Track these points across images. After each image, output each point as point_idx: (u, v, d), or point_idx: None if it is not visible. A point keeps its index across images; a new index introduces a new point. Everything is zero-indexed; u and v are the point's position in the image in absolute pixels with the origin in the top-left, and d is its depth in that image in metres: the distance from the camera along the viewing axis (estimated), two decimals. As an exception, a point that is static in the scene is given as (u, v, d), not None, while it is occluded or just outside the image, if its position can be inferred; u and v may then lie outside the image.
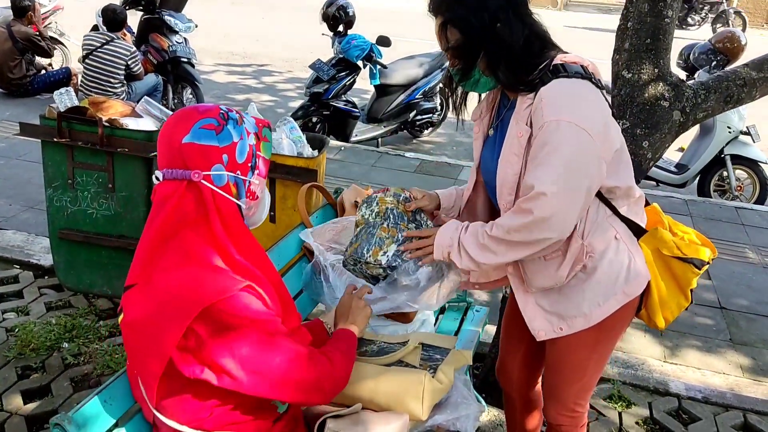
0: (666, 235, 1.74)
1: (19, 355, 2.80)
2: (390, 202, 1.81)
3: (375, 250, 1.75)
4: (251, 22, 11.83)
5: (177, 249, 1.33)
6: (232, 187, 1.38)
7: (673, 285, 1.75)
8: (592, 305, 1.67)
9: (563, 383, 1.85)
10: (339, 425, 1.55)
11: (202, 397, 1.35)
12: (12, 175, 4.67)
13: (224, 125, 1.37)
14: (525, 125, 1.57)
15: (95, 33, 5.73)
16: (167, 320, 1.28)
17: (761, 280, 4.03)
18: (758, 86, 2.78)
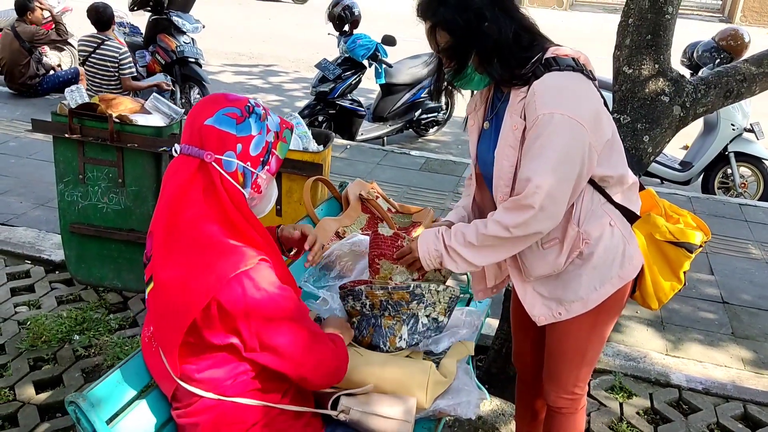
0: (659, 221, 1.79)
1: (31, 347, 2.86)
2: (381, 295, 1.78)
3: (391, 339, 1.78)
4: (258, 23, 11.91)
5: (195, 222, 1.41)
6: (239, 175, 1.44)
7: (666, 268, 1.80)
8: (589, 290, 1.72)
9: (563, 366, 1.89)
10: (351, 402, 1.61)
11: (223, 366, 1.42)
12: (23, 174, 4.74)
13: (246, 117, 1.45)
14: (519, 118, 1.61)
15: (89, 36, 5.64)
16: (192, 290, 1.36)
17: (764, 276, 4.05)
18: (758, 81, 2.82)
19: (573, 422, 1.97)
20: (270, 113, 1.52)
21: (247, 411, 1.47)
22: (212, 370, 1.42)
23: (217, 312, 1.36)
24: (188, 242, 1.40)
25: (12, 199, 4.35)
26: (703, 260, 4.19)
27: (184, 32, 6.34)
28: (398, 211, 2.43)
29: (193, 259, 1.38)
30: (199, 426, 1.46)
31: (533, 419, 2.22)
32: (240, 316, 1.36)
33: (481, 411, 2.69)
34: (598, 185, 1.72)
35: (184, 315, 1.35)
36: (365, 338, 1.79)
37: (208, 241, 1.40)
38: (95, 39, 5.59)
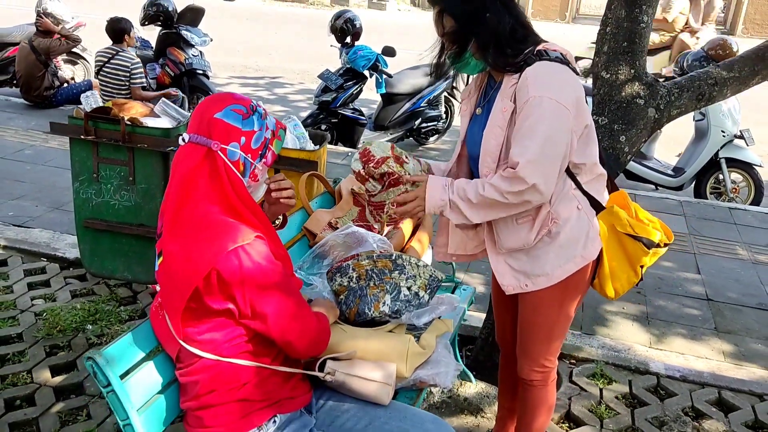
0: (621, 213, 1.98)
1: (47, 335, 3.06)
2: (366, 264, 1.97)
3: (375, 305, 1.96)
4: (265, 37, 12.19)
5: (200, 203, 1.60)
6: (240, 164, 1.64)
7: (624, 260, 1.98)
8: (554, 266, 1.91)
9: (534, 340, 2.07)
10: (336, 365, 1.79)
11: (221, 329, 1.60)
12: (38, 179, 4.96)
13: (251, 114, 1.66)
14: (509, 101, 1.82)
15: (105, 48, 5.93)
16: (195, 261, 1.54)
17: (749, 275, 4.20)
18: (729, 85, 2.99)
19: (544, 394, 2.14)
20: (269, 114, 1.73)
21: (241, 371, 1.64)
22: (211, 332, 1.60)
23: (216, 280, 1.54)
24: (194, 219, 1.58)
25: (28, 203, 4.56)
26: (690, 260, 4.34)
27: (193, 45, 6.59)
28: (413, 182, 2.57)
29: (197, 234, 1.57)
30: (199, 383, 1.64)
31: (514, 395, 2.38)
32: (236, 285, 1.54)
33: (467, 393, 2.86)
34: (571, 171, 1.91)
35: (188, 282, 1.54)
36: (352, 309, 1.96)
37: (211, 219, 1.58)
38: (110, 50, 5.85)
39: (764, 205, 5.51)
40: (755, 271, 4.24)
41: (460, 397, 2.83)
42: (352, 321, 1.99)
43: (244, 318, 1.59)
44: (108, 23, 5.86)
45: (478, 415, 2.75)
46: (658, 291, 3.91)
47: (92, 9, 12.28)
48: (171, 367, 1.70)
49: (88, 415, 2.60)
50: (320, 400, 1.85)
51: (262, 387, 1.68)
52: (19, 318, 3.19)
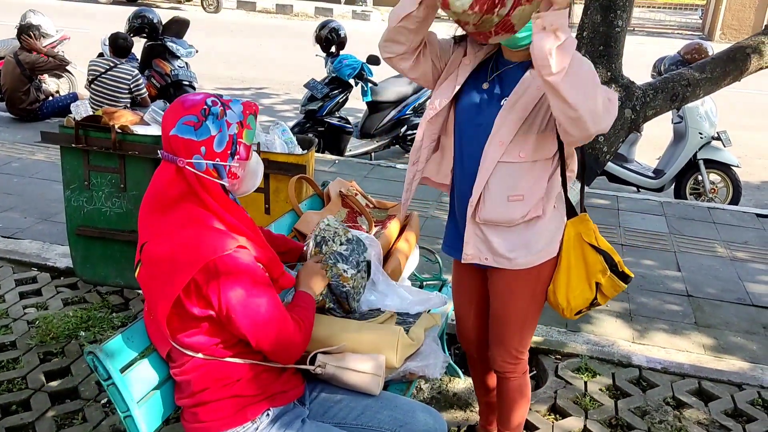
0: (590, 225, 2.06)
1: (40, 342, 3.09)
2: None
3: (343, 278, 2.01)
4: (249, 49, 12.26)
5: (181, 213, 1.63)
6: (212, 171, 1.65)
7: (582, 270, 2.04)
8: (519, 254, 2.00)
9: (506, 331, 2.15)
10: (327, 359, 1.85)
11: (208, 334, 1.65)
12: (26, 192, 4.98)
13: (203, 121, 1.62)
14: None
15: (100, 59, 6.03)
16: (176, 270, 1.58)
17: (728, 271, 4.31)
18: (701, 86, 3.11)
19: (519, 385, 2.23)
20: (230, 106, 1.67)
21: (233, 368, 1.69)
22: (198, 336, 1.65)
23: (195, 289, 1.59)
24: (175, 229, 1.62)
25: (16, 215, 4.58)
26: (671, 259, 4.45)
27: (179, 57, 6.65)
28: (375, 206, 2.69)
29: (179, 241, 1.60)
30: (192, 382, 1.69)
31: (488, 391, 2.47)
32: (213, 295, 1.59)
33: (456, 388, 2.93)
34: (564, 172, 1.99)
35: (170, 291, 1.59)
36: (343, 303, 2.03)
37: (191, 228, 1.61)
38: (108, 62, 5.90)
39: (742, 204, 5.65)
40: (734, 268, 4.35)
41: (449, 393, 2.90)
42: (347, 310, 2.05)
43: (225, 322, 1.63)
44: (116, 38, 5.95)
45: (467, 409, 2.82)
46: (641, 288, 4.00)
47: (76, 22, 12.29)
48: (167, 363, 1.75)
49: (84, 419, 2.64)
50: (313, 392, 1.91)
51: (255, 382, 1.73)
52: (12, 326, 3.22)
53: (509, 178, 1.95)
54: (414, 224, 2.73)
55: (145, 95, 6.06)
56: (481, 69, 2.03)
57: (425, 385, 2.93)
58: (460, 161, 2.07)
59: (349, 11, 17.14)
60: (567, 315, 2.09)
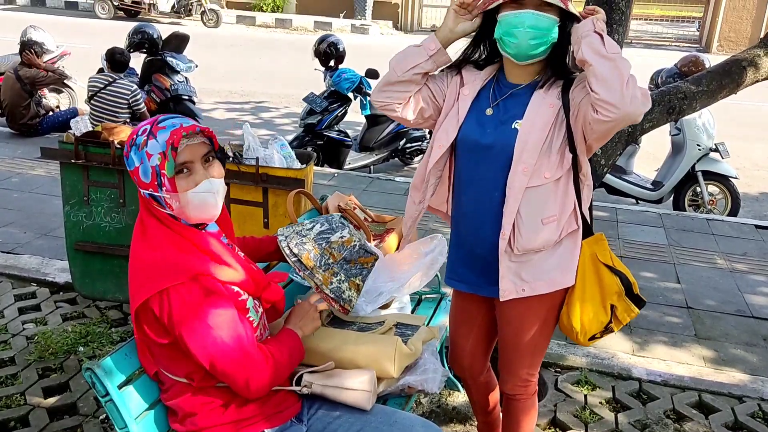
0: (605, 244, 2.02)
1: (39, 358, 3.08)
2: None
3: (352, 282, 2.01)
4: (249, 63, 12.32)
5: (152, 233, 1.63)
6: (150, 199, 1.62)
7: (597, 291, 1.99)
8: (556, 273, 1.96)
9: (517, 358, 2.12)
10: (314, 378, 1.84)
11: (184, 356, 1.62)
12: (25, 207, 4.99)
13: (129, 153, 1.61)
14: (556, 99, 1.89)
15: (100, 75, 6.06)
16: (135, 296, 1.59)
17: (727, 283, 4.31)
18: (697, 98, 3.12)
19: (527, 406, 2.21)
20: (157, 134, 1.57)
21: (219, 392, 1.68)
22: (179, 361, 1.63)
23: (152, 317, 1.58)
24: (144, 251, 1.62)
25: (16, 230, 4.59)
26: (670, 270, 4.45)
27: (178, 72, 6.69)
28: (374, 220, 2.69)
29: (139, 266, 1.60)
30: (180, 407, 1.68)
31: (486, 412, 2.43)
32: (168, 325, 1.57)
33: (456, 402, 2.92)
34: (578, 185, 1.96)
35: (133, 317, 1.60)
36: (342, 305, 2.00)
37: (156, 253, 1.60)
38: (107, 77, 5.93)
39: (741, 215, 5.66)
40: (733, 279, 4.35)
41: (448, 407, 2.90)
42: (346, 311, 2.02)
43: (185, 349, 1.58)
44: (112, 53, 5.98)
45: (467, 423, 2.81)
46: (640, 300, 4.00)
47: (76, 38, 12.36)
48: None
49: (82, 435, 2.64)
50: (311, 409, 1.89)
51: (246, 406, 1.71)
52: (11, 342, 3.22)
53: (539, 201, 1.90)
54: (412, 239, 2.73)
55: (144, 110, 6.07)
56: (481, 96, 2.00)
57: (424, 399, 2.92)
58: (467, 190, 2.02)
59: (348, 25, 17.23)
60: (580, 340, 2.02)
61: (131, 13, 17.01)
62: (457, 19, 1.95)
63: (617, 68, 1.71)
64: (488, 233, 1.97)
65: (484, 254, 2.00)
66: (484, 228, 1.99)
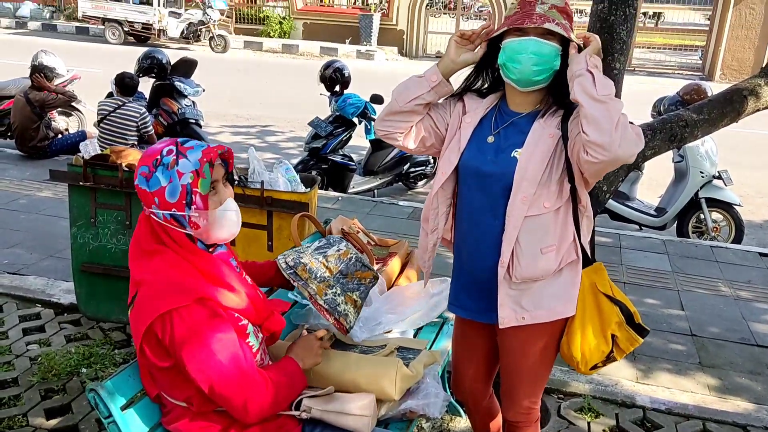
0: (605, 274, 2.03)
1: (42, 380, 3.09)
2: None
3: (349, 297, 2.04)
4: (256, 86, 12.45)
5: (157, 259, 1.64)
6: (172, 220, 1.64)
7: (597, 321, 1.99)
8: (558, 302, 1.97)
9: (519, 386, 2.12)
10: (314, 402, 1.84)
11: (185, 380, 1.64)
12: (32, 228, 5.03)
13: (153, 172, 1.62)
14: (555, 129, 1.91)
15: (109, 99, 6.16)
16: (138, 319, 1.61)
17: (731, 311, 4.29)
18: (699, 127, 3.15)
19: None
20: (187, 154, 1.62)
21: (216, 418, 1.68)
22: (178, 384, 1.64)
23: (154, 340, 1.60)
24: (148, 275, 1.63)
25: (22, 251, 4.62)
26: (674, 297, 4.44)
27: (186, 96, 6.77)
28: (377, 244, 2.72)
29: (145, 290, 1.62)
30: (179, 431, 1.69)
31: None
32: (170, 348, 1.59)
33: (457, 428, 2.90)
34: (577, 216, 1.97)
35: (135, 339, 1.61)
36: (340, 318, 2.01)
37: (155, 276, 1.62)
38: (116, 101, 6.03)
39: (745, 243, 5.66)
40: (737, 307, 4.34)
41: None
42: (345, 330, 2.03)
43: (186, 373, 1.60)
44: (122, 77, 6.08)
45: (469, 450, 2.80)
46: (644, 327, 3.98)
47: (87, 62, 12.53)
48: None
49: (83, 457, 2.63)
50: (314, 431, 1.90)
51: (248, 430, 1.71)
52: (15, 363, 3.23)
53: (538, 230, 1.92)
54: (415, 262, 2.75)
55: (152, 133, 6.15)
56: (483, 123, 2.03)
57: (426, 424, 2.91)
58: (469, 216, 2.04)
59: (354, 50, 17.43)
60: (582, 369, 2.02)
61: (141, 39, 17.26)
62: (458, 50, 1.99)
63: (608, 111, 1.73)
64: (488, 260, 1.99)
65: (485, 281, 2.02)
66: (484, 255, 2.00)
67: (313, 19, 19.20)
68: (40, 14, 20.53)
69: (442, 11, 22.94)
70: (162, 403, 1.72)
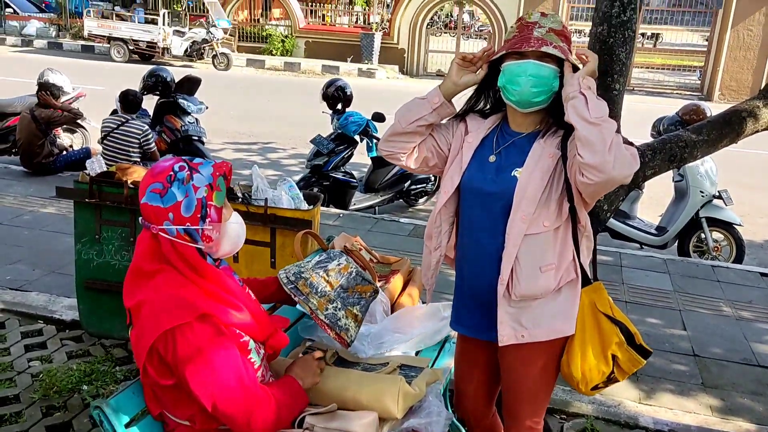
0: (604, 294, 2.04)
1: (43, 396, 3.09)
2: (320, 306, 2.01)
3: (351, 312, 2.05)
4: (258, 104, 12.54)
5: (157, 279, 1.65)
6: (184, 235, 1.65)
7: (597, 341, 2.00)
8: (558, 320, 1.98)
9: (520, 405, 2.13)
10: (316, 420, 1.84)
11: (187, 398, 1.64)
12: (35, 244, 5.05)
13: (168, 188, 1.63)
14: (555, 149, 1.94)
15: (113, 116, 6.21)
16: (140, 338, 1.61)
17: (733, 331, 4.29)
18: (698, 147, 3.18)
19: None
20: (199, 169, 1.66)
21: None
22: (180, 402, 1.65)
23: (157, 358, 1.60)
24: (149, 295, 1.64)
25: (25, 267, 4.62)
26: (676, 317, 4.44)
27: (189, 113, 6.82)
28: (379, 261, 2.73)
29: (147, 309, 1.62)
30: None
31: None
32: (172, 365, 1.59)
33: None
34: (577, 237, 1.99)
35: (138, 359, 1.62)
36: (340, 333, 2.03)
37: (156, 294, 1.62)
38: (120, 118, 6.09)
39: (746, 263, 5.66)
40: (739, 327, 4.33)
41: (452, 452, 2.87)
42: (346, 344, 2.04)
43: (187, 389, 1.60)
44: (125, 94, 6.14)
45: (471, 469, 2.78)
46: (645, 347, 3.98)
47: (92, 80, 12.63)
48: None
49: (84, 475, 2.62)
50: (316, 450, 1.90)
51: None
52: (16, 379, 3.22)
53: (538, 249, 1.93)
54: (417, 279, 2.76)
55: (154, 150, 6.18)
56: (485, 143, 2.06)
57: (428, 444, 2.89)
58: (470, 234, 2.07)
59: (355, 69, 17.56)
60: (582, 389, 2.02)
61: (145, 57, 17.42)
62: (460, 72, 2.03)
63: (601, 133, 1.76)
64: (488, 278, 2.01)
65: (485, 299, 2.03)
66: (484, 273, 2.03)
67: (315, 38, 19.38)
68: (46, 32, 20.72)
69: (443, 30, 23.16)
70: (165, 421, 1.72)
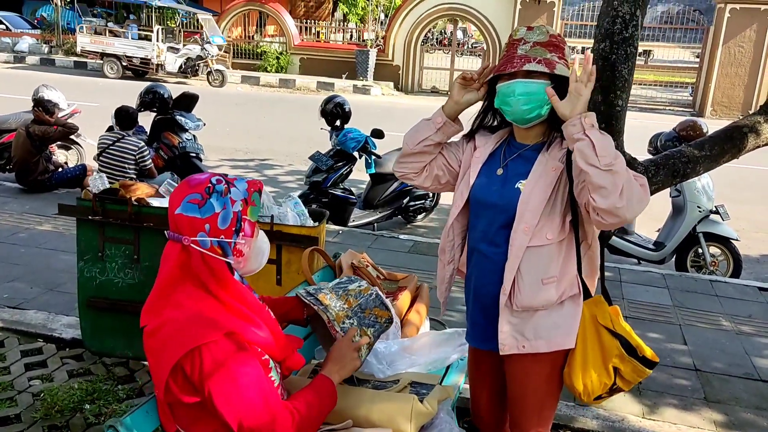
0: (605, 307, 2.06)
1: (45, 416, 3.05)
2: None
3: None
4: (254, 121, 12.56)
5: (180, 294, 1.63)
6: (217, 248, 1.64)
7: (598, 353, 2.02)
8: (557, 333, 2.00)
9: (524, 415, 2.14)
10: (330, 437, 1.84)
11: (204, 419, 1.63)
12: (32, 262, 5.00)
13: (207, 199, 1.63)
14: (559, 162, 1.95)
15: (109, 133, 6.21)
16: (163, 355, 1.59)
17: (734, 345, 4.29)
18: (701, 163, 3.21)
19: None
20: (235, 184, 1.68)
21: None
22: (199, 420, 1.64)
23: (182, 376, 1.59)
24: (170, 313, 1.62)
25: (22, 285, 4.58)
26: (677, 332, 4.45)
27: (187, 130, 6.83)
28: (386, 278, 2.73)
29: (170, 327, 1.61)
30: None
31: None
32: (197, 383, 1.58)
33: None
34: (579, 253, 2.01)
35: (161, 377, 1.60)
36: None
37: (183, 312, 1.61)
38: (116, 134, 6.11)
39: (743, 277, 5.69)
40: (740, 342, 4.34)
41: (460, 470, 2.85)
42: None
43: (212, 408, 1.59)
44: (121, 111, 6.16)
45: (479, 487, 2.76)
46: (648, 362, 3.98)
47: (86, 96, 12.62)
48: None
49: (88, 496, 2.59)
50: (331, 468, 1.89)
51: None
52: (17, 399, 3.19)
53: (540, 261, 1.96)
54: (424, 296, 2.76)
55: (151, 166, 6.19)
56: (493, 157, 2.11)
57: (436, 462, 2.87)
58: (477, 245, 2.10)
59: (350, 85, 17.65)
60: (585, 400, 2.04)
61: (139, 73, 17.43)
62: (461, 91, 2.08)
63: (612, 178, 1.75)
64: (493, 288, 2.05)
65: (490, 309, 2.07)
66: (489, 283, 2.06)
67: (310, 55, 19.49)
68: (39, 49, 20.75)
69: (437, 47, 23.32)
70: None
